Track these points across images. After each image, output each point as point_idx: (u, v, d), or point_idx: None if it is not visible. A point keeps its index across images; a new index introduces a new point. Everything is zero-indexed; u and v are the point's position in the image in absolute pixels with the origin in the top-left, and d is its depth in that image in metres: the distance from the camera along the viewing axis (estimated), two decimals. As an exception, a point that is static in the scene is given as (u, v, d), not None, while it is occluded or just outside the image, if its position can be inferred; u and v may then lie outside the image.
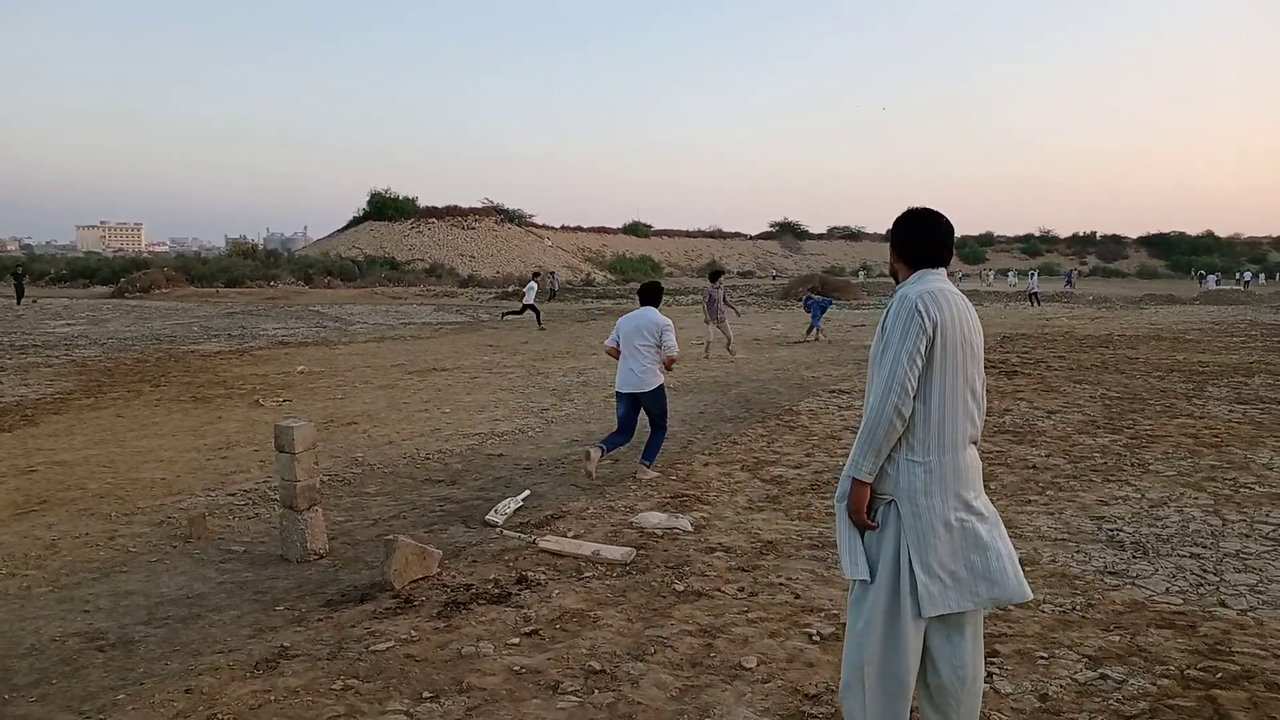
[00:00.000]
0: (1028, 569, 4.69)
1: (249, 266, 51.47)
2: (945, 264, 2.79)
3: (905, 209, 2.86)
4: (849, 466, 2.66)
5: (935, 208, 2.84)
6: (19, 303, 31.88)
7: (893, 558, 2.62)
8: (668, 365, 6.92)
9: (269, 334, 21.36)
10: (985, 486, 6.35)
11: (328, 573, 4.88)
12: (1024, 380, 12.02)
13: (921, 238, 2.78)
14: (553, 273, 50.82)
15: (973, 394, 2.71)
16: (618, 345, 7.01)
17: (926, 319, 2.58)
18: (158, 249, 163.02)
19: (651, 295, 7.17)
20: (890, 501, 2.64)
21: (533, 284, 25.68)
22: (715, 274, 16.41)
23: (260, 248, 68.95)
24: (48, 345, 17.97)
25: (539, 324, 23.68)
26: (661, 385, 6.95)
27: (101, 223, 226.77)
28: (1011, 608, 4.16)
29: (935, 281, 2.71)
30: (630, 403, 6.93)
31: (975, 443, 2.77)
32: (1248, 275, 61.44)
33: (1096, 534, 5.30)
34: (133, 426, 9.40)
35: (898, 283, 2.82)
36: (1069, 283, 56.22)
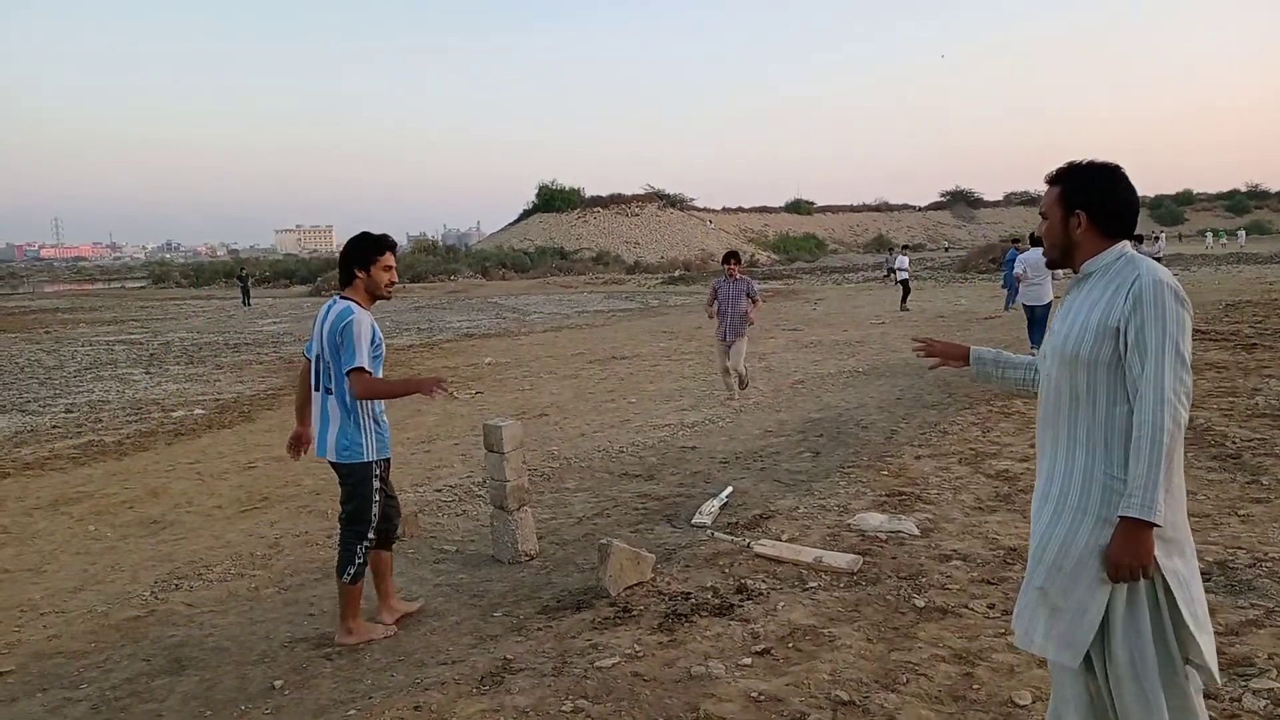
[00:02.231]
0: (1341, 586, 3.99)
1: (431, 262, 53.89)
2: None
3: (1092, 162, 2.30)
4: (1138, 507, 2.01)
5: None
6: (247, 304, 34.59)
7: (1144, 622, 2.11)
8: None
9: (454, 327, 22.13)
10: (1256, 482, 5.59)
11: (540, 575, 4.75)
12: (1266, 355, 10.67)
13: (1131, 201, 2.27)
14: (894, 248, 40.89)
15: None
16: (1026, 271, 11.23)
17: (1190, 309, 2.11)
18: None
19: (1035, 239, 11.18)
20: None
21: (903, 257, 23.41)
22: (730, 256, 10.16)
23: (440, 244, 72.15)
24: (258, 343, 19.27)
25: (902, 303, 21.41)
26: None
27: (297, 226, 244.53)
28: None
29: (1152, 261, 2.22)
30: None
31: None
32: None
33: None
34: (338, 421, 9.76)
35: (1070, 259, 2.32)
36: None
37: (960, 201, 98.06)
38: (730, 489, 6.09)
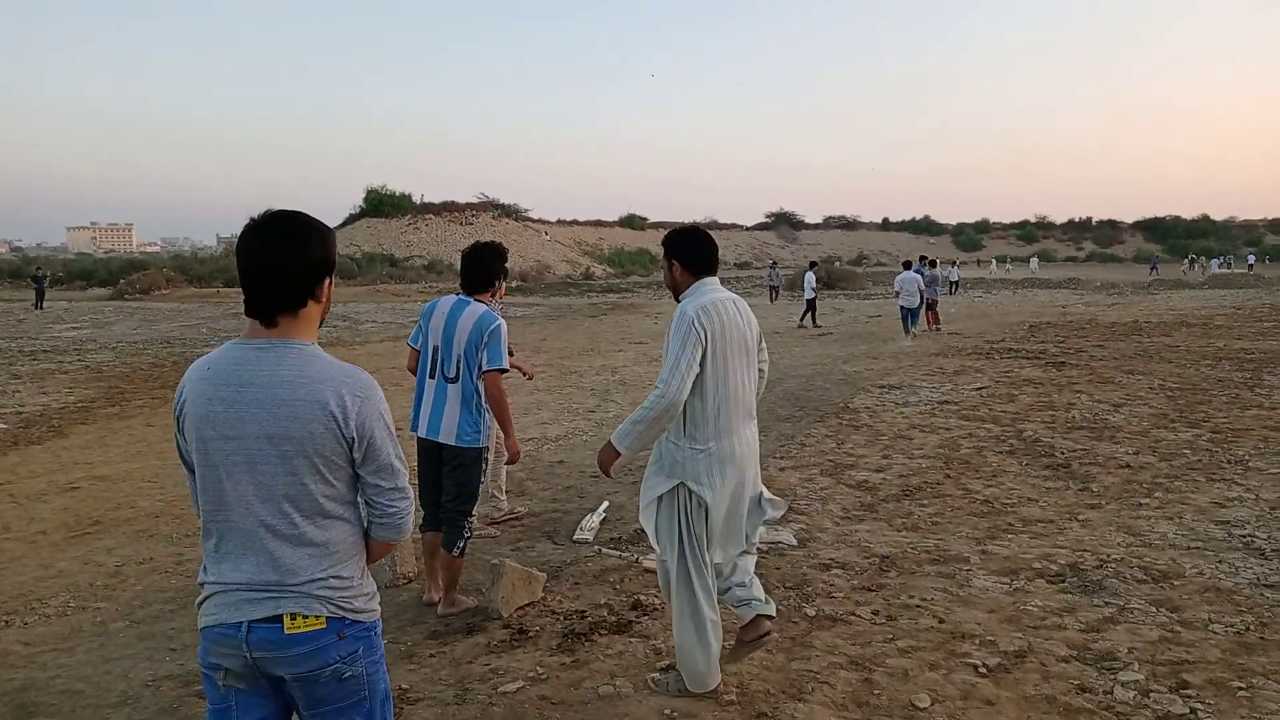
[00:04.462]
0: (1174, 582, 4.42)
1: (247, 266, 50.89)
2: (716, 272, 3.30)
3: (676, 229, 3.34)
4: (611, 435, 3.12)
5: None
6: (40, 307, 31.32)
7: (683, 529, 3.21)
8: None
9: (281, 335, 20.96)
10: (1087, 489, 6.08)
11: (422, 598, 4.56)
12: (1074, 372, 11.74)
13: (702, 250, 3.26)
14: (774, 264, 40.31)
15: (745, 385, 3.21)
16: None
17: (703, 332, 3.04)
18: (149, 249, 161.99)
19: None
20: (680, 484, 3.14)
21: (810, 274, 22.81)
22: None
23: (256, 246, 67.95)
24: (58, 350, 17.59)
25: (814, 321, 21.18)
26: None
27: (92, 224, 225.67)
28: (1179, 629, 3.88)
29: (712, 293, 3.17)
30: None
31: (752, 419, 3.29)
32: (1250, 259, 61.09)
33: (1230, 541, 5.00)
34: (166, 436, 9.04)
35: (677, 293, 3.26)
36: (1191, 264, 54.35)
37: (784, 223, 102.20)
38: (607, 503, 6.08)
